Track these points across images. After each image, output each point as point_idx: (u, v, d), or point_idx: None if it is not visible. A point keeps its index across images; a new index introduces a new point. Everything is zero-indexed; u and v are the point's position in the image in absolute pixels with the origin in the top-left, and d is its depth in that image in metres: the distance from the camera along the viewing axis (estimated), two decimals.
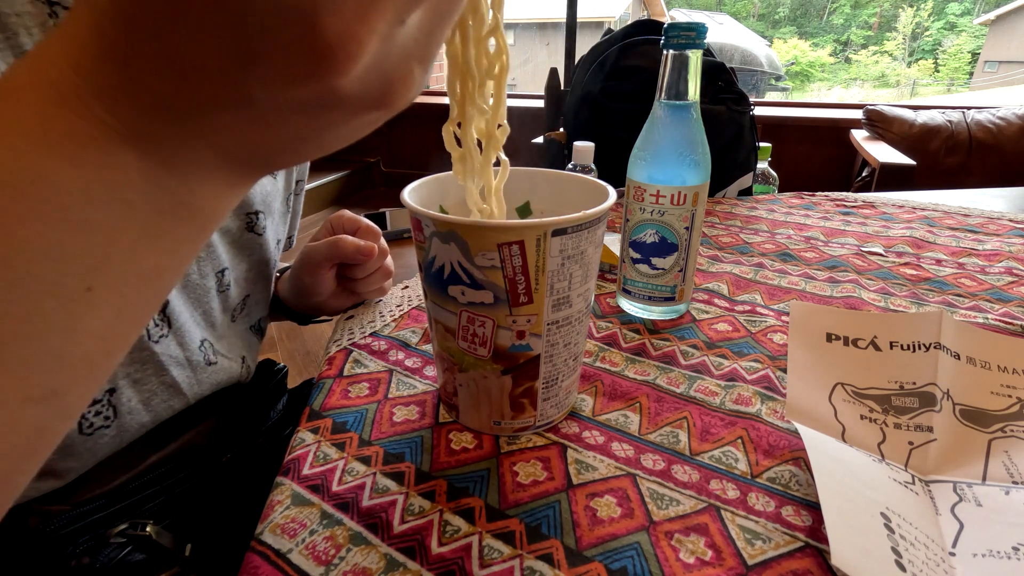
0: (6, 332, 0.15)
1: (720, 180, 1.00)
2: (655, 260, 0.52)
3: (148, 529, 0.37)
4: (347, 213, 0.56)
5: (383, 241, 0.57)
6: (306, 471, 0.36)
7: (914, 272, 0.67)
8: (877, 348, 0.46)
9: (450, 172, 0.40)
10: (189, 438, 0.47)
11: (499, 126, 0.32)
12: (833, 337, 0.48)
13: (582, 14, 2.58)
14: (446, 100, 0.30)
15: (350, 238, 0.52)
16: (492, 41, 0.29)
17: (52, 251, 0.15)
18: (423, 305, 0.57)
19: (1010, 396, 0.41)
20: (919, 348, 0.44)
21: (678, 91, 0.48)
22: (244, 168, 0.18)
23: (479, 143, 0.33)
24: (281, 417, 0.60)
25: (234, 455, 0.51)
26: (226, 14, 0.13)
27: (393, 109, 0.16)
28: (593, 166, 0.80)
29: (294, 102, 0.15)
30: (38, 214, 0.14)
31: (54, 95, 0.14)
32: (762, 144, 1.07)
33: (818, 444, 0.35)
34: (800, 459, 0.37)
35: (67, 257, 0.15)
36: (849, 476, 0.33)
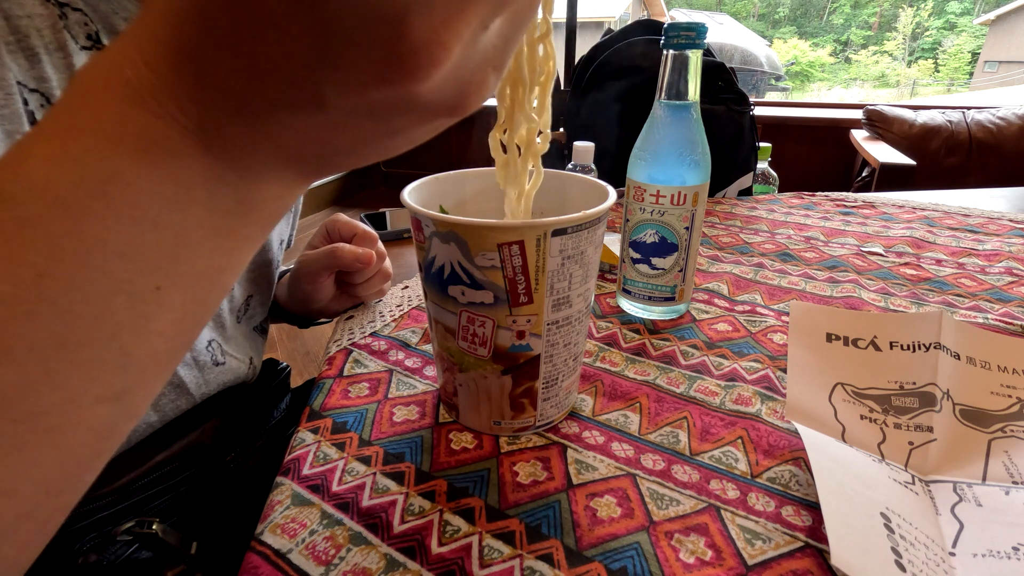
0: (80, 331, 0.15)
1: (720, 180, 1.00)
2: (655, 260, 0.52)
3: (154, 527, 0.37)
4: (342, 217, 0.56)
5: (380, 244, 0.57)
6: (306, 471, 0.36)
7: (914, 272, 0.67)
8: (877, 348, 0.46)
9: (450, 172, 0.40)
10: (194, 437, 0.47)
11: (540, 133, 0.32)
12: (833, 337, 0.48)
13: (582, 14, 2.58)
14: None
15: (348, 246, 0.52)
16: (540, 47, 0.29)
17: (125, 249, 0.15)
18: (423, 305, 0.57)
19: (1010, 396, 0.41)
20: (919, 348, 0.44)
21: (678, 91, 0.48)
22: (305, 169, 0.18)
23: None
24: (284, 416, 0.60)
25: (238, 454, 0.52)
26: (312, 18, 0.13)
27: (463, 115, 0.16)
28: (593, 166, 0.80)
29: (368, 106, 0.15)
30: (113, 212, 0.15)
31: (129, 93, 0.15)
32: (762, 144, 1.07)
33: (818, 444, 0.35)
34: (800, 459, 0.37)
35: (138, 256, 0.15)
36: (849, 476, 0.33)
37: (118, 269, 0.15)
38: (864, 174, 2.18)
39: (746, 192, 1.05)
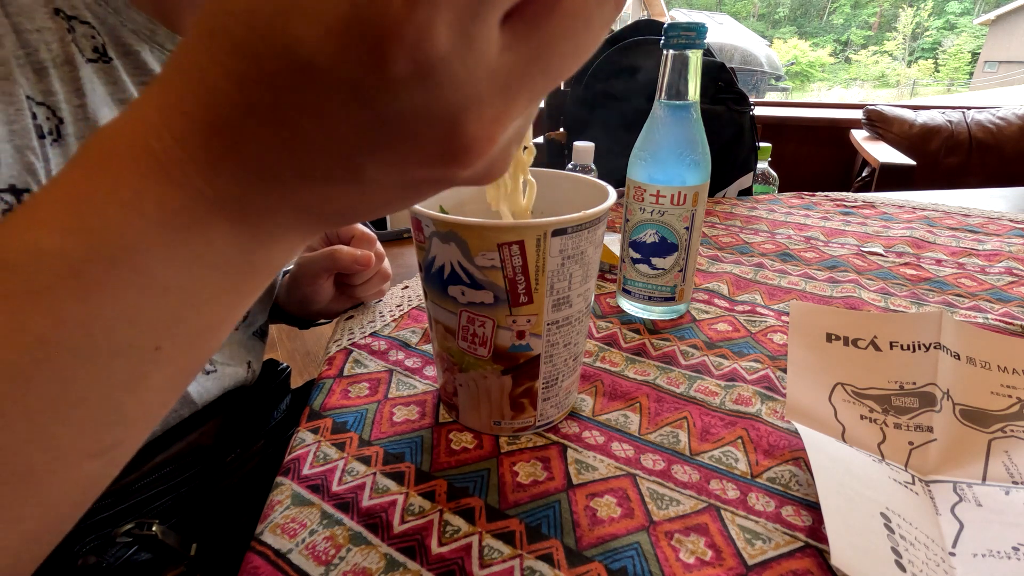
0: (75, 393, 0.15)
1: (720, 180, 1.00)
2: (655, 260, 0.52)
3: (154, 529, 0.37)
4: None
5: (379, 245, 0.57)
6: (306, 471, 0.36)
7: (914, 272, 0.67)
8: (877, 348, 0.46)
9: None
10: (194, 438, 0.47)
11: (525, 148, 0.33)
12: (833, 337, 0.48)
13: None
14: None
15: (347, 248, 0.52)
16: None
17: (130, 314, 0.15)
18: (423, 305, 0.57)
19: (1010, 396, 0.41)
20: (919, 348, 0.44)
21: (678, 91, 0.48)
22: (323, 226, 0.18)
23: None
24: (284, 417, 0.60)
25: (238, 455, 0.52)
26: (367, 111, 0.13)
27: (488, 183, 0.17)
28: (593, 166, 0.80)
29: (405, 181, 0.15)
30: (123, 281, 0.15)
31: (153, 165, 0.14)
32: (762, 144, 1.07)
33: (818, 444, 0.35)
34: (800, 459, 0.37)
35: (143, 320, 0.15)
36: (849, 476, 0.33)
37: (121, 333, 0.15)
38: (864, 174, 2.18)
39: (746, 192, 1.05)
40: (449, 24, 0.12)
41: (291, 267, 0.59)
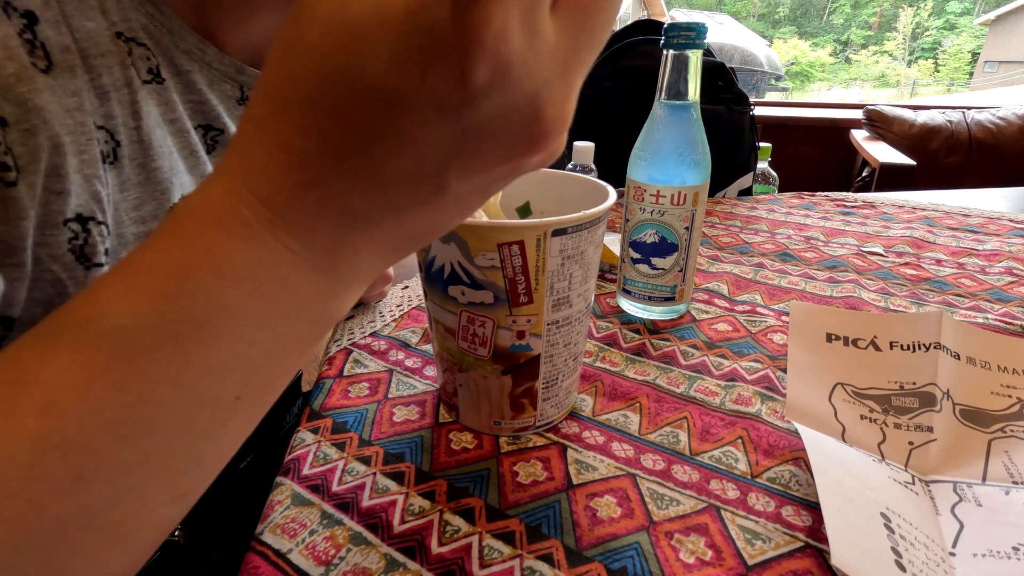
0: (163, 445, 0.16)
1: (720, 180, 1.00)
2: (655, 260, 0.52)
3: (176, 534, 0.37)
4: None
5: None
6: (306, 471, 0.36)
7: (914, 272, 0.67)
8: (877, 348, 0.46)
9: None
10: None
11: None
12: (833, 337, 0.48)
13: None
14: None
15: None
16: None
17: (217, 369, 0.16)
18: (423, 305, 0.57)
19: (1010, 396, 0.41)
20: (919, 348, 0.44)
21: (678, 91, 0.48)
22: (398, 257, 0.19)
23: None
24: (297, 420, 0.60)
25: (252, 459, 0.52)
26: (454, 124, 0.13)
27: (551, 163, 0.18)
28: (593, 166, 0.80)
29: (482, 183, 0.16)
30: (215, 339, 0.15)
31: (245, 231, 0.15)
32: (762, 144, 1.07)
33: (818, 444, 0.35)
34: (800, 459, 0.37)
35: (228, 373, 0.16)
36: (849, 476, 0.33)
37: (208, 387, 0.16)
38: (864, 174, 2.18)
39: (746, 192, 1.05)
40: (518, 21, 0.12)
41: None
